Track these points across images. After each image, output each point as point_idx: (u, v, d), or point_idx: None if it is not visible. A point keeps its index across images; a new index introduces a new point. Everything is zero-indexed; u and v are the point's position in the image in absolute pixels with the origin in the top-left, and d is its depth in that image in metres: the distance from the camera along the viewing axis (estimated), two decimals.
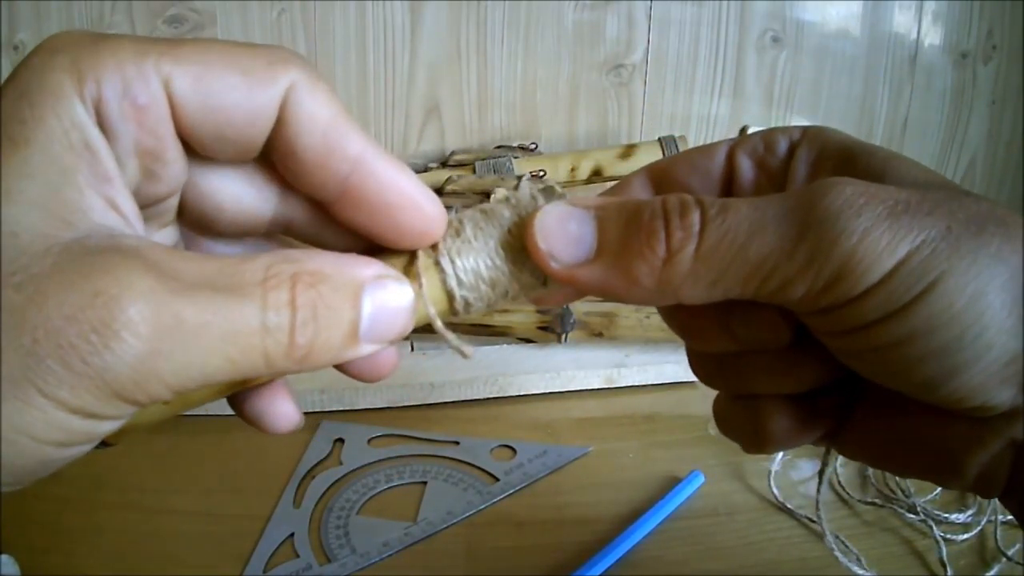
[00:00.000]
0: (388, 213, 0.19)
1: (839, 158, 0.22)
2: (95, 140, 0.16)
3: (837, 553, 0.33)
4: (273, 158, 0.19)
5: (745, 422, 0.23)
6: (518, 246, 0.20)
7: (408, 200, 0.19)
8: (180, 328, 0.15)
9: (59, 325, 0.14)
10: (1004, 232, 0.17)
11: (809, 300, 0.18)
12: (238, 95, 0.17)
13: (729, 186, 0.24)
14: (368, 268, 0.18)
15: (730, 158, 0.24)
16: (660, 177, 0.24)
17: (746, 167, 0.24)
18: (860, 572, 0.35)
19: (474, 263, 0.20)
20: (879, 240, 0.17)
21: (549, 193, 0.21)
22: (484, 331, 0.57)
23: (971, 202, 0.18)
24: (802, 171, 0.22)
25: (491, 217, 0.20)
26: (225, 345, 0.15)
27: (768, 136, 0.23)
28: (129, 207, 0.17)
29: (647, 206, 0.19)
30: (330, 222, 0.21)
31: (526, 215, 0.20)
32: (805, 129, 0.23)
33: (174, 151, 0.18)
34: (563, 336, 0.57)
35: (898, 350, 0.18)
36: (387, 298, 0.18)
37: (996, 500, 0.41)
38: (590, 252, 0.19)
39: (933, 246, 0.17)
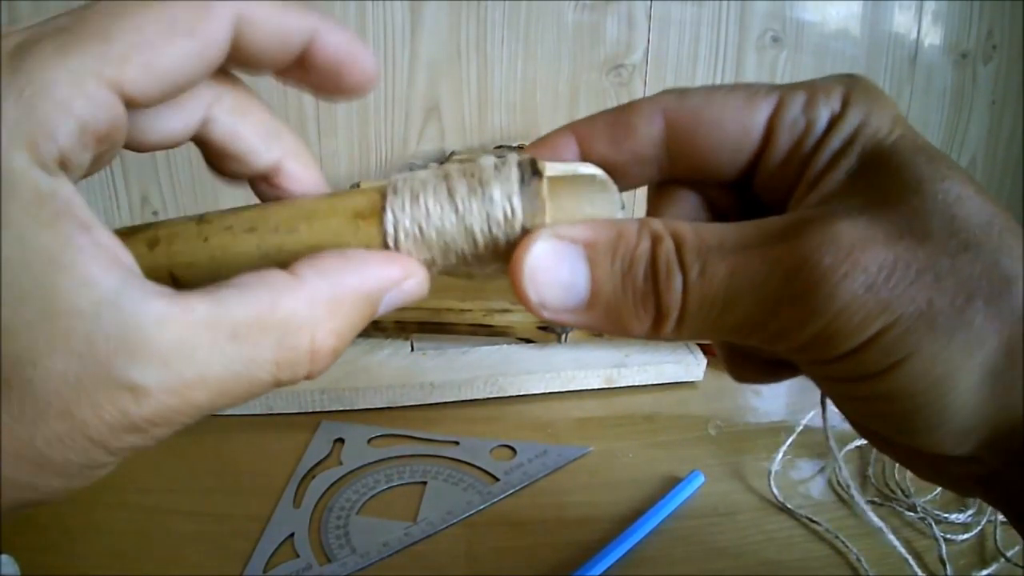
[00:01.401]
0: (335, 70, 0.19)
1: (879, 171, 0.19)
2: (66, 199, 0.15)
3: (871, 515, 0.33)
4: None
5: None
6: (490, 248, 0.19)
7: (353, 55, 0.19)
8: (195, 410, 0.16)
9: (88, 417, 0.15)
10: (995, 304, 0.16)
11: (787, 354, 0.19)
12: (190, 60, 0.16)
13: (759, 160, 0.21)
14: (390, 269, 0.18)
15: (769, 131, 0.20)
16: (678, 138, 0.21)
17: (782, 147, 0.20)
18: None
19: (436, 223, 0.19)
20: (857, 313, 0.16)
21: (526, 170, 0.19)
22: (484, 331, 0.58)
23: (967, 262, 0.17)
24: (834, 180, 0.20)
25: (453, 195, 0.19)
26: (238, 399, 0.17)
27: (810, 110, 0.20)
28: (110, 241, 0.16)
29: (640, 260, 0.18)
30: (247, 112, 0.20)
31: (502, 218, 0.18)
32: (847, 102, 0.20)
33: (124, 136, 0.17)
34: (563, 336, 0.57)
35: (871, 404, 0.19)
36: (405, 295, 0.19)
37: None
38: (582, 301, 0.19)
39: (907, 325, 0.16)
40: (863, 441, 0.47)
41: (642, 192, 0.24)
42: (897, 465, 0.44)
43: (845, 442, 0.47)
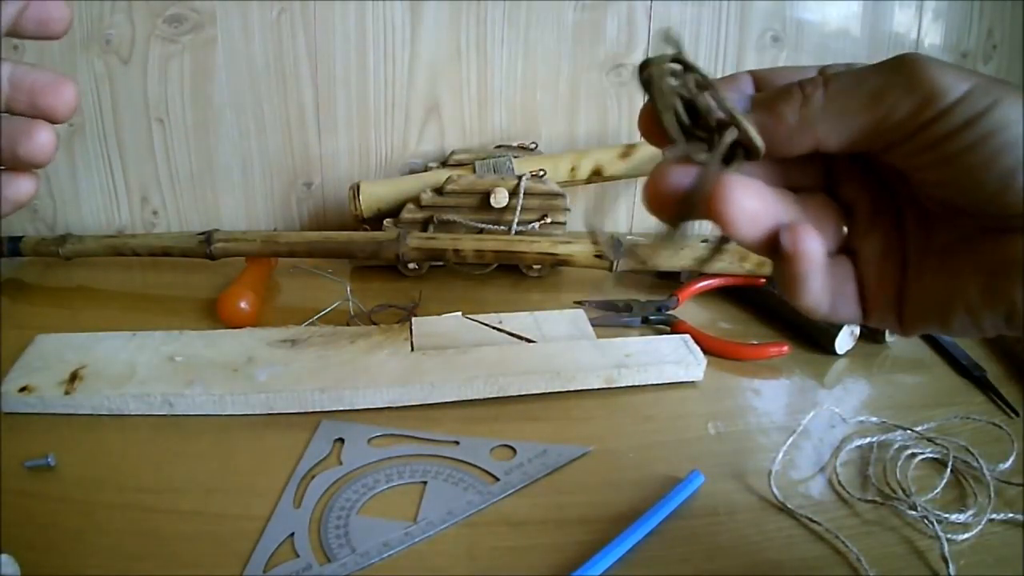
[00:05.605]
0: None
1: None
2: None
3: (871, 515, 0.33)
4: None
5: None
6: None
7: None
8: None
9: None
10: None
11: (909, 120, 0.23)
12: None
13: None
14: None
15: None
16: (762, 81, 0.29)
17: None
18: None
19: None
20: (951, 77, 0.23)
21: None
22: (549, 259, 0.66)
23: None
24: None
25: None
26: None
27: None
28: None
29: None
30: None
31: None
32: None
33: None
34: (615, 264, 0.65)
35: (968, 156, 0.23)
36: None
37: (996, 500, 0.41)
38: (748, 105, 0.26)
39: (985, 86, 0.23)
40: (863, 440, 0.47)
41: None
42: (898, 465, 0.44)
43: (845, 442, 0.47)
